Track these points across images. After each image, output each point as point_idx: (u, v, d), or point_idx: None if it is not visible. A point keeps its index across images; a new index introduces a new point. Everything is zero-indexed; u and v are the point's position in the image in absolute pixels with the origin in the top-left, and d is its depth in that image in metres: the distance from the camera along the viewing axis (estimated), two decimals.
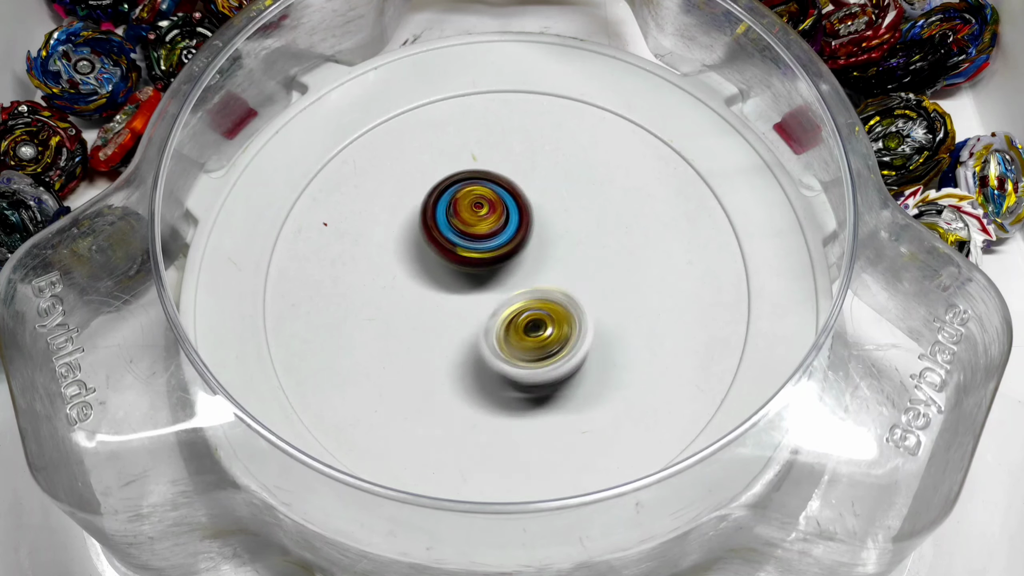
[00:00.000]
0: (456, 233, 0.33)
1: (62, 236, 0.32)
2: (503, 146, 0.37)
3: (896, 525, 0.28)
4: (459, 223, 0.33)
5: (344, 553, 0.29)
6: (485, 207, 0.33)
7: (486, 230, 0.33)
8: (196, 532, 0.30)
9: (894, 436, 0.29)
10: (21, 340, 0.30)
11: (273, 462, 0.28)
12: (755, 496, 0.29)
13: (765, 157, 0.36)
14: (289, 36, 0.38)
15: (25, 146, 0.41)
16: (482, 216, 0.33)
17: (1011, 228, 0.40)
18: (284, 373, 0.32)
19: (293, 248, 0.35)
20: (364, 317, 0.33)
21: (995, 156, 0.40)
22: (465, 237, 0.33)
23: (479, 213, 0.33)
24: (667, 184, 0.36)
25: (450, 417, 0.31)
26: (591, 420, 0.31)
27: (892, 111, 0.41)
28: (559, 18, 0.45)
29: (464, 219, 0.33)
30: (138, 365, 0.31)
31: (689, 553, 0.30)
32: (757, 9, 0.36)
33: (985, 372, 0.29)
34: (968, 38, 0.44)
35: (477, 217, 0.33)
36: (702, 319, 0.33)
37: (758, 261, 0.34)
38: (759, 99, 0.38)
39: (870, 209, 0.32)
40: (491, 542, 0.29)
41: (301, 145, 0.37)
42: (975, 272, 0.31)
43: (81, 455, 0.29)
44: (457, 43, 0.40)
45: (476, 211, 0.33)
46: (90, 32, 0.44)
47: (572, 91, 0.38)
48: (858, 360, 0.31)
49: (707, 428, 0.31)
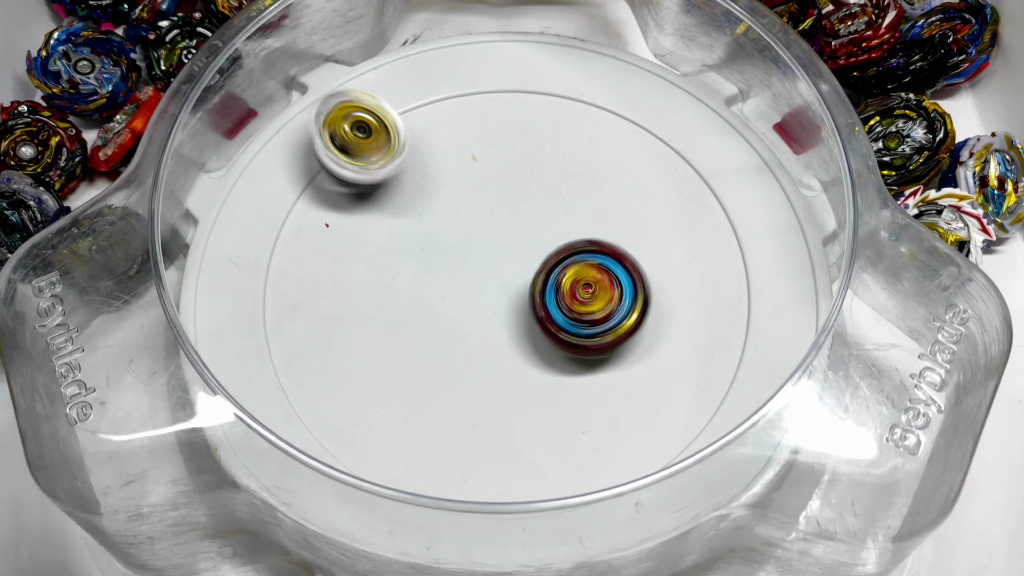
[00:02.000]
0: (569, 321, 0.31)
1: (62, 236, 0.32)
2: (503, 146, 0.37)
3: (896, 525, 0.28)
4: (568, 310, 0.30)
5: (344, 553, 0.29)
6: (594, 287, 0.31)
7: (599, 312, 0.31)
8: (196, 532, 0.30)
9: (894, 436, 0.29)
10: (21, 340, 0.30)
11: (273, 462, 0.28)
12: (755, 496, 0.29)
13: (765, 157, 0.36)
14: (289, 36, 0.38)
15: (25, 146, 0.41)
16: (591, 298, 0.31)
17: (1011, 228, 0.40)
18: (284, 373, 0.32)
19: (293, 248, 0.35)
20: (364, 317, 0.33)
21: (995, 156, 0.40)
22: (578, 324, 0.31)
23: (588, 295, 0.31)
24: (667, 184, 0.36)
25: (450, 417, 0.31)
26: (591, 420, 0.31)
27: (892, 111, 0.41)
28: (559, 18, 0.45)
29: (572, 306, 0.30)
30: (138, 365, 0.31)
31: (689, 553, 0.30)
32: (757, 9, 0.36)
33: (985, 372, 0.29)
34: (968, 38, 0.44)
35: (587, 299, 0.30)
36: (702, 319, 0.33)
37: (758, 261, 0.34)
38: (759, 99, 0.38)
39: (870, 209, 0.32)
40: (491, 542, 0.29)
41: (301, 145, 0.37)
42: (975, 272, 0.31)
43: (81, 455, 0.29)
44: (457, 43, 0.40)
45: (585, 292, 0.31)
46: (90, 32, 0.44)
47: (572, 91, 0.38)
48: (858, 360, 0.31)
49: (707, 428, 0.31)
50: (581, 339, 0.31)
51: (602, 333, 0.31)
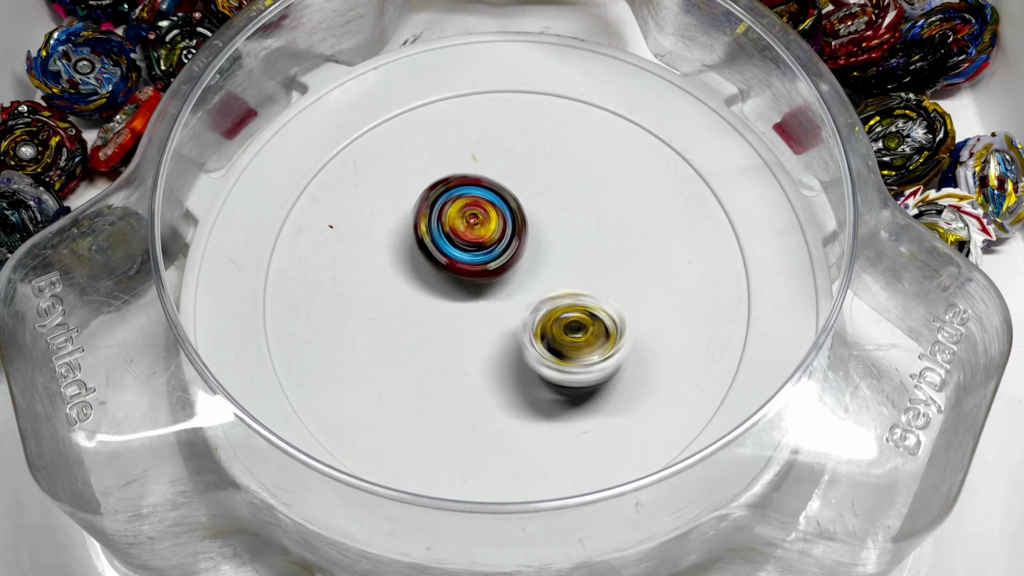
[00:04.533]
0: (451, 244, 0.32)
1: (62, 236, 0.32)
2: (503, 146, 0.37)
3: (896, 525, 0.28)
4: (454, 234, 0.32)
5: (344, 553, 0.29)
6: (479, 215, 0.33)
7: (484, 239, 0.32)
8: (196, 532, 0.30)
9: (894, 436, 0.29)
10: (21, 340, 0.30)
11: (273, 462, 0.28)
12: (755, 496, 0.29)
13: (765, 157, 0.36)
14: (289, 36, 0.38)
15: (25, 146, 0.41)
16: (476, 225, 0.32)
17: (1011, 228, 0.40)
18: (284, 373, 0.32)
19: (293, 248, 0.35)
20: (364, 317, 0.33)
21: (995, 156, 0.40)
22: (461, 248, 0.32)
23: (472, 223, 0.32)
24: (667, 184, 0.36)
25: (450, 417, 0.31)
26: (591, 420, 0.31)
27: (892, 111, 0.41)
28: (559, 18, 0.45)
29: (459, 230, 0.32)
30: (138, 365, 0.31)
31: (689, 553, 0.30)
32: (757, 9, 0.36)
33: (985, 372, 0.29)
34: (968, 38, 0.44)
35: (471, 227, 0.32)
36: (702, 319, 0.33)
37: (758, 261, 0.34)
38: (759, 99, 0.38)
39: (870, 209, 0.32)
40: (491, 542, 0.29)
41: (301, 145, 0.37)
42: (975, 272, 0.31)
43: (81, 455, 0.29)
44: (457, 43, 0.40)
45: (470, 221, 0.32)
46: (90, 32, 0.44)
47: (572, 91, 0.38)
48: (858, 360, 0.31)
49: (707, 428, 0.31)
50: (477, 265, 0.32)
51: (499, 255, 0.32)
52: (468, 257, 0.32)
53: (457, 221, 0.32)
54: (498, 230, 0.33)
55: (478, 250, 0.33)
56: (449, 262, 0.32)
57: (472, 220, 0.32)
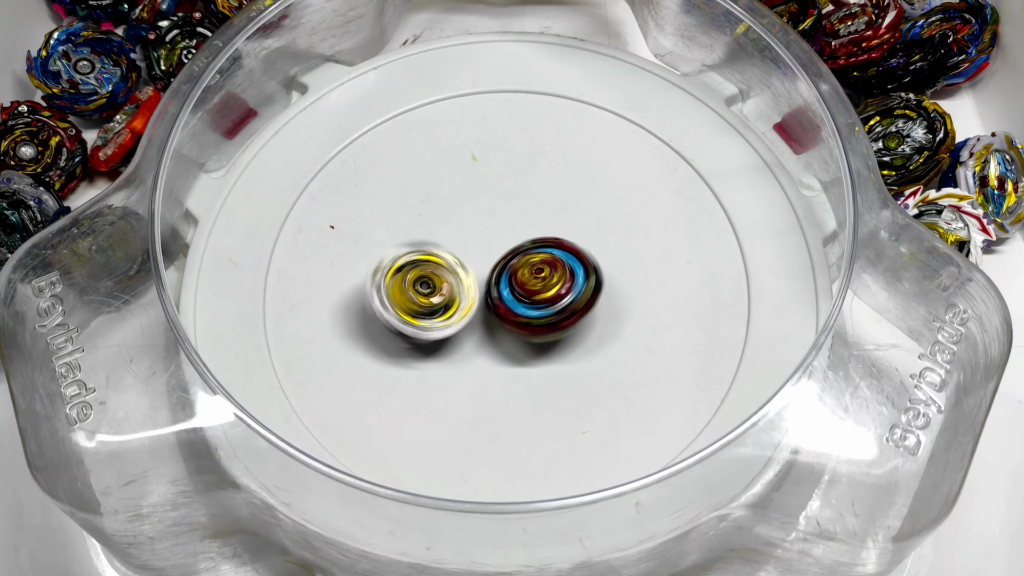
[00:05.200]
0: (523, 304, 0.31)
1: (62, 236, 0.32)
2: (503, 146, 0.37)
3: (896, 525, 0.28)
4: (522, 291, 0.31)
5: (344, 553, 0.29)
6: (546, 269, 0.31)
7: (552, 293, 0.31)
8: (196, 532, 0.30)
9: (894, 436, 0.29)
10: (21, 340, 0.30)
11: (273, 462, 0.28)
12: (755, 496, 0.29)
13: (765, 157, 0.36)
14: (289, 36, 0.38)
15: (25, 146, 0.41)
16: (544, 279, 0.31)
17: (1011, 228, 0.40)
18: (284, 373, 0.32)
19: (293, 248, 0.35)
20: (364, 317, 0.33)
21: (995, 156, 0.40)
22: (533, 305, 0.31)
23: (541, 276, 0.31)
24: (667, 184, 0.36)
25: (450, 417, 0.31)
26: (591, 420, 0.31)
27: (892, 111, 0.41)
28: (559, 18, 0.45)
29: (528, 286, 0.31)
30: (138, 365, 0.31)
31: (689, 553, 0.30)
32: (757, 9, 0.36)
33: (985, 372, 0.29)
34: (968, 38, 0.44)
35: (540, 281, 0.31)
36: (702, 319, 0.33)
37: (758, 261, 0.34)
38: (759, 99, 0.38)
39: (870, 209, 0.32)
40: (491, 542, 0.29)
41: (301, 145, 0.37)
42: (975, 272, 0.31)
43: (81, 455, 0.29)
44: (457, 43, 0.40)
45: (538, 276, 0.31)
46: (90, 32, 0.44)
47: (572, 91, 0.38)
48: (858, 360, 0.31)
49: (707, 428, 0.31)
50: (540, 320, 0.31)
51: (560, 312, 0.31)
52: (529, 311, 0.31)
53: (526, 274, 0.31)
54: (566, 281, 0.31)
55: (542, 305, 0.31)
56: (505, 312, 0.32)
57: (539, 275, 0.31)
